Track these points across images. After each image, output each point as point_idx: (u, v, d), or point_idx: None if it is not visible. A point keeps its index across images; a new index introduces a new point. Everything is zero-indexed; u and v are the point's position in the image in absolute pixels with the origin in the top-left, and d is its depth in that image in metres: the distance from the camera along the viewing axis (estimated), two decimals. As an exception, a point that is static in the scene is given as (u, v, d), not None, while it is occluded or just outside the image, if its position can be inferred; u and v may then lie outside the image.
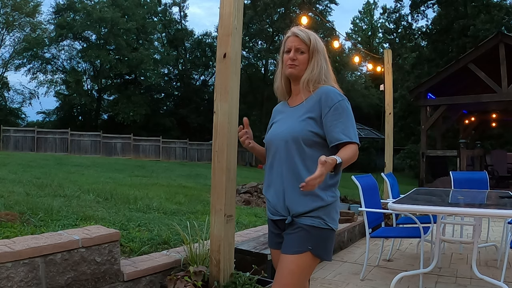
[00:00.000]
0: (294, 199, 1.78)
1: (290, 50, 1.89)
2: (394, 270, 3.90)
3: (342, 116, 1.77)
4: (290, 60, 1.88)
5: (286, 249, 1.79)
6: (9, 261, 2.02)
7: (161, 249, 3.23)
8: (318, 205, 1.76)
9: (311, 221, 1.76)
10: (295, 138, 1.80)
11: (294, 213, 1.79)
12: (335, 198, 1.83)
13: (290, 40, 1.90)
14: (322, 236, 1.78)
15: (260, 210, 6.16)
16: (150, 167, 14.59)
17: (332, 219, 1.80)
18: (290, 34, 1.92)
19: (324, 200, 1.77)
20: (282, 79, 1.97)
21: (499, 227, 5.42)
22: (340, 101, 1.79)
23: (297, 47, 1.87)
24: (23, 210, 3.82)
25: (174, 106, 34.14)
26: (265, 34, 31.75)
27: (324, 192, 1.77)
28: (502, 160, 12.93)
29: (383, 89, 7.35)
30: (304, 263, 1.75)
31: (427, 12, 28.80)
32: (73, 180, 7.70)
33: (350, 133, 1.76)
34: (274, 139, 1.89)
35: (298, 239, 1.76)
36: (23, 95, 30.23)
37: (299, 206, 1.77)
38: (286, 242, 1.81)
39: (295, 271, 1.74)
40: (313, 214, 1.76)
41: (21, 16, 28.30)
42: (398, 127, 22.90)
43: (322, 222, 1.77)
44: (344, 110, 1.78)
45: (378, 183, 4.49)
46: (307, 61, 1.88)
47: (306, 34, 1.88)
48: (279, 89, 2.00)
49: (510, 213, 2.84)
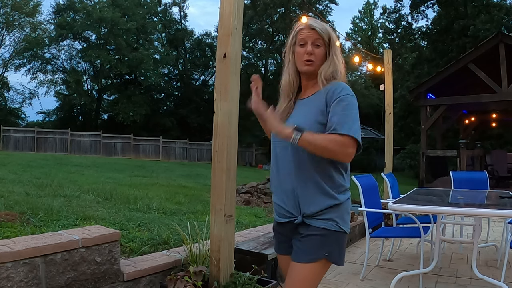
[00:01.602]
0: (305, 197, 1.69)
1: (305, 43, 1.73)
2: (394, 270, 3.90)
3: (346, 109, 1.64)
4: (307, 55, 1.72)
5: (299, 257, 1.67)
6: (9, 261, 2.02)
7: (161, 249, 3.23)
8: (331, 204, 1.67)
9: (323, 223, 1.66)
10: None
11: (305, 213, 1.69)
12: (347, 198, 1.73)
13: (304, 32, 1.74)
14: (337, 240, 1.68)
15: (260, 210, 6.16)
16: (150, 167, 14.59)
17: (344, 221, 1.71)
18: (303, 26, 1.76)
19: (337, 199, 1.68)
20: (294, 74, 1.80)
21: (499, 227, 5.42)
22: (348, 95, 1.67)
23: (313, 40, 1.72)
24: (23, 210, 3.82)
25: (174, 106, 34.11)
26: (265, 34, 31.72)
27: (337, 190, 1.69)
28: (502, 160, 12.93)
29: (383, 89, 7.35)
30: (318, 269, 1.66)
31: (427, 12, 28.75)
32: (73, 180, 7.70)
33: (345, 124, 1.61)
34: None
35: (312, 246, 1.66)
36: (23, 95, 30.25)
37: (310, 205, 1.67)
38: (299, 249, 1.69)
39: (309, 278, 1.65)
40: (325, 216, 1.67)
41: (21, 16, 28.27)
42: (398, 127, 22.87)
43: (335, 225, 1.67)
44: (349, 104, 1.65)
45: (378, 183, 4.49)
46: (324, 55, 1.74)
47: (322, 27, 1.74)
48: (289, 85, 1.82)
49: (510, 213, 2.84)
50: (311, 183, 1.69)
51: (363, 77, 39.03)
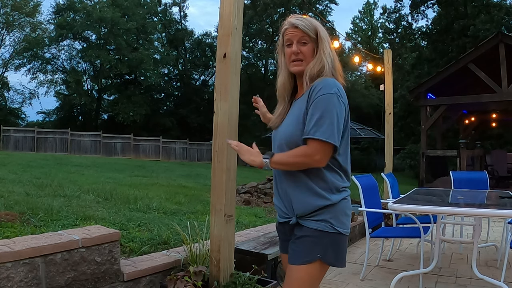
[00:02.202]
0: (296, 197, 1.69)
1: (291, 43, 1.70)
2: (394, 270, 3.90)
3: (318, 110, 1.58)
4: (294, 55, 1.69)
5: (293, 259, 1.67)
6: (9, 261, 2.02)
7: (161, 249, 3.23)
8: (322, 204, 1.64)
9: (316, 224, 1.64)
10: (288, 141, 1.69)
11: (298, 213, 1.69)
12: (343, 198, 1.68)
13: (288, 32, 1.71)
14: (331, 241, 1.65)
15: (260, 210, 6.16)
16: (150, 167, 14.59)
17: (340, 222, 1.66)
18: (287, 26, 1.72)
19: (329, 199, 1.64)
20: (287, 76, 1.78)
21: (499, 227, 5.42)
22: (325, 94, 1.59)
23: (298, 38, 1.68)
24: (23, 210, 3.82)
25: (174, 106, 34.13)
26: (265, 34, 31.75)
27: (329, 191, 1.65)
28: (502, 160, 12.93)
29: (383, 89, 7.35)
30: (314, 271, 1.65)
31: (427, 12, 28.81)
32: (73, 180, 7.70)
33: (314, 127, 1.56)
34: (274, 139, 1.82)
35: (305, 248, 1.65)
36: (23, 95, 30.27)
37: (302, 205, 1.67)
38: (293, 251, 1.68)
39: (304, 279, 1.64)
40: (318, 217, 1.64)
41: (21, 16, 28.28)
42: (398, 127, 22.87)
43: (329, 226, 1.64)
44: (324, 104, 1.58)
45: (378, 183, 4.49)
46: (312, 51, 1.69)
47: (305, 22, 1.68)
48: (283, 87, 1.79)
49: (510, 213, 2.84)
50: (301, 184, 1.69)
51: (363, 77, 39.03)
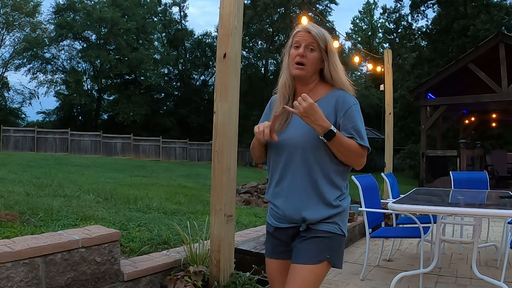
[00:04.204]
0: (311, 208, 1.68)
1: (299, 45, 1.72)
2: (394, 270, 3.90)
3: (357, 118, 1.71)
4: (299, 57, 1.71)
5: (302, 259, 1.67)
6: (9, 261, 2.02)
7: (161, 249, 3.23)
8: (336, 212, 1.70)
9: (328, 226, 1.68)
10: (315, 145, 1.67)
11: (311, 222, 1.69)
12: (349, 203, 1.78)
13: (300, 34, 1.73)
14: (338, 243, 1.72)
15: (260, 210, 6.16)
16: (150, 167, 14.59)
17: (345, 224, 1.75)
18: (301, 29, 1.74)
19: (341, 207, 1.72)
20: (289, 77, 1.78)
21: (499, 227, 5.42)
22: (355, 105, 1.73)
23: (307, 43, 1.70)
24: (23, 210, 3.82)
25: (174, 106, 34.14)
26: (265, 34, 31.73)
27: (341, 197, 1.72)
28: (502, 160, 12.93)
29: (383, 89, 7.35)
30: (320, 271, 1.67)
31: (427, 12, 28.79)
32: (73, 180, 7.70)
33: (362, 134, 1.70)
34: (288, 145, 1.71)
35: (317, 248, 1.67)
36: (23, 95, 30.26)
37: (316, 215, 1.68)
38: (302, 251, 1.69)
39: (310, 279, 1.65)
40: (329, 220, 1.69)
41: (21, 16, 28.27)
42: (398, 127, 22.88)
43: (338, 228, 1.70)
44: (358, 113, 1.74)
45: (378, 183, 4.49)
46: (317, 61, 1.72)
47: (319, 31, 1.73)
48: (284, 87, 1.79)
49: (510, 213, 2.84)
50: (314, 196, 1.69)
51: (363, 77, 39.04)
